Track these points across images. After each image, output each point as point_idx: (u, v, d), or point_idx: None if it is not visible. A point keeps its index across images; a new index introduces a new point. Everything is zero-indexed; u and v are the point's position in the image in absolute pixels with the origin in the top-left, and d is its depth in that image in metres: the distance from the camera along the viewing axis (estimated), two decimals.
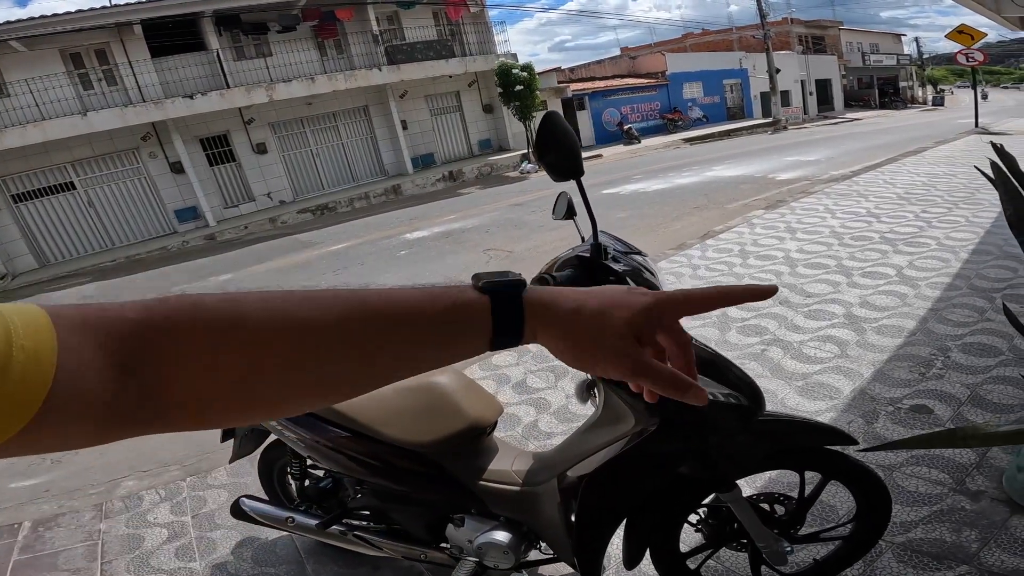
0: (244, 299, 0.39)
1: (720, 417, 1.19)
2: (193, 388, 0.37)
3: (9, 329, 0.30)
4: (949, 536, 1.71)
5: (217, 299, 0.39)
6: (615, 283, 1.06)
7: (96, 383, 0.33)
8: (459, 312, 0.44)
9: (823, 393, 2.56)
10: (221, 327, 0.38)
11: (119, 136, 13.15)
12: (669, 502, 1.36)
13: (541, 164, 0.97)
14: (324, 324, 0.40)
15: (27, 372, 0.30)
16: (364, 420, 1.53)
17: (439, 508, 1.57)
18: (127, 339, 0.35)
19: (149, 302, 0.37)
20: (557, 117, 0.97)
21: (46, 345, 0.31)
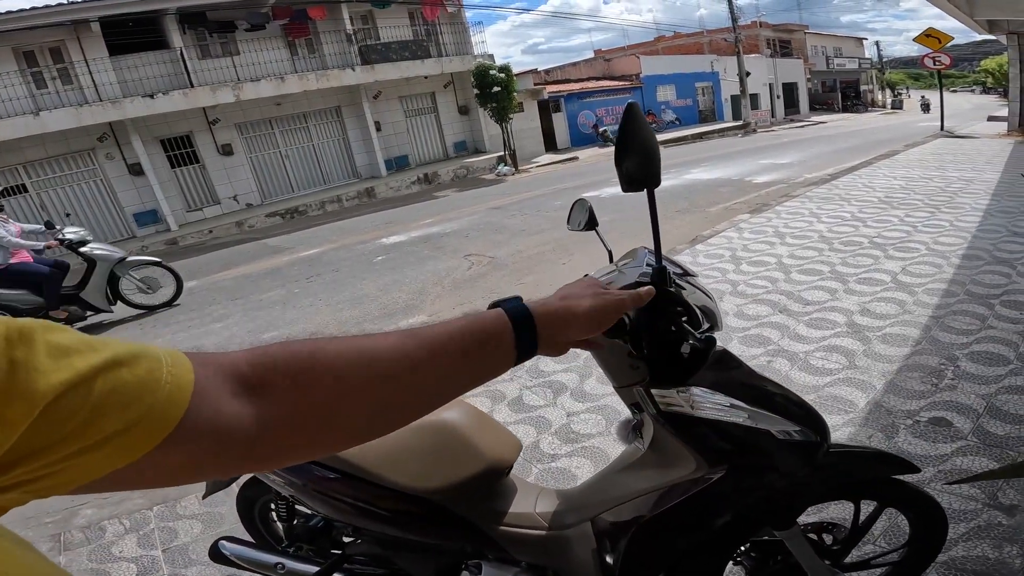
0: (322, 339, 0.48)
1: (788, 456, 1.05)
2: (294, 407, 0.44)
3: (162, 361, 0.38)
4: (991, 553, 1.65)
5: (301, 340, 0.48)
6: (681, 314, 0.91)
7: (225, 409, 0.40)
8: (487, 329, 0.55)
9: (838, 407, 2.46)
10: (306, 354, 0.46)
11: (74, 137, 12.53)
12: (719, 542, 1.21)
13: (618, 170, 0.80)
14: (388, 348, 0.49)
15: (171, 394, 0.37)
16: (363, 463, 1.33)
17: (452, 555, 1.39)
18: (245, 376, 0.43)
19: (254, 348, 0.46)
20: (639, 112, 0.80)
21: (186, 377, 0.38)
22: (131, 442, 0.35)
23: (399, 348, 0.50)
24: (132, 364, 0.36)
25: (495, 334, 0.55)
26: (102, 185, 13.42)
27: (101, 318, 5.99)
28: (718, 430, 1.02)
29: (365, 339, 0.50)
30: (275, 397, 0.43)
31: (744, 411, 1.01)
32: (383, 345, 0.49)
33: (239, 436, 0.41)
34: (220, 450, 0.40)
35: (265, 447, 0.43)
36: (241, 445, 0.41)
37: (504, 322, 0.56)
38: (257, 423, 0.42)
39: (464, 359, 0.53)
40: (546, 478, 2.29)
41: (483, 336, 0.54)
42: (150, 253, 11.53)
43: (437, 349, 0.51)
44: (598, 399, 2.79)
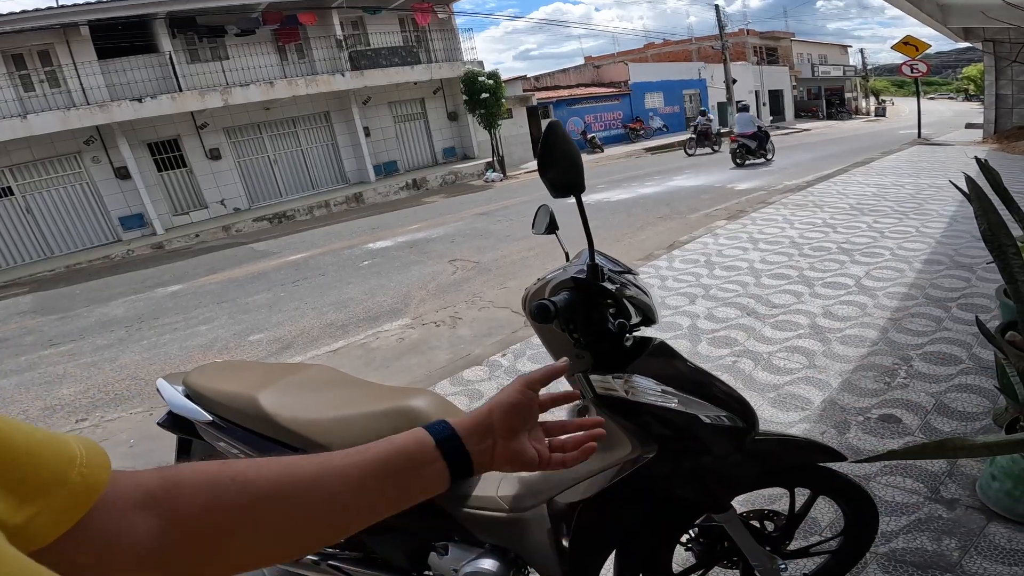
0: (240, 461, 0.49)
1: (716, 440, 1.17)
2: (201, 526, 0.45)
3: (75, 458, 0.39)
4: (930, 545, 1.74)
5: (216, 462, 0.48)
6: (611, 305, 1.03)
7: (128, 517, 0.42)
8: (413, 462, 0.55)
9: (795, 404, 2.59)
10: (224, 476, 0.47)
11: (60, 140, 12.50)
12: (663, 525, 1.33)
13: (543, 179, 0.92)
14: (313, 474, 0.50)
15: (82, 487, 0.38)
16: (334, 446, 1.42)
17: (420, 536, 1.49)
18: (152, 491, 0.44)
19: (165, 468, 0.47)
20: (560, 128, 0.92)
21: (102, 474, 0.40)
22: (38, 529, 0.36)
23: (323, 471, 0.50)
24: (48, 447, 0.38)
25: (426, 464, 0.55)
26: (88, 188, 13.36)
27: None
28: (651, 414, 1.13)
29: (285, 462, 0.49)
30: (180, 507, 0.44)
31: (674, 396, 1.13)
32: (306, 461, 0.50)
33: (134, 548, 0.41)
34: (111, 559, 0.40)
35: (164, 561, 0.43)
36: (133, 557, 0.41)
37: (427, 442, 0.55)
38: (157, 535, 0.42)
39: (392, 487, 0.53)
40: None
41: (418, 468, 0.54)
42: (136, 257, 11.56)
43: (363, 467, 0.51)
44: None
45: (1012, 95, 11.26)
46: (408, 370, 3.70)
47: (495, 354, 3.57)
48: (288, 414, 1.43)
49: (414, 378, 3.48)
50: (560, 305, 0.94)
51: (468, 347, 3.88)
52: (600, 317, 1.04)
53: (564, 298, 0.97)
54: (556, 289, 1.07)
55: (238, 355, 4.51)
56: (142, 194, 13.22)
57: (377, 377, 3.52)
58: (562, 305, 0.95)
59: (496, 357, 3.52)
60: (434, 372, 3.51)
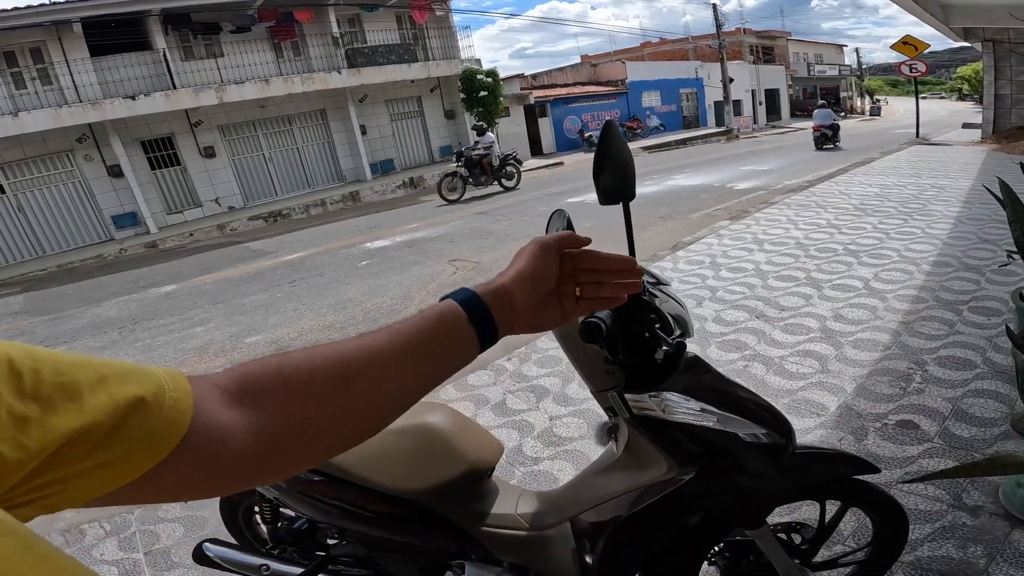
0: (291, 352, 0.50)
1: (756, 458, 1.11)
2: (284, 412, 0.46)
3: (164, 383, 0.39)
4: (956, 553, 1.71)
5: (278, 356, 0.49)
6: (655, 321, 0.96)
7: (221, 421, 0.42)
8: (448, 331, 0.54)
9: (810, 410, 2.54)
10: (281, 365, 0.48)
11: (52, 138, 12.34)
12: (693, 542, 1.27)
13: (596, 184, 0.85)
14: (362, 359, 0.50)
15: (174, 414, 0.39)
16: (346, 465, 1.36)
17: (436, 555, 1.43)
18: (231, 390, 0.45)
19: (231, 368, 0.47)
20: (616, 129, 0.86)
21: (186, 396, 0.40)
22: (137, 460, 0.37)
23: (361, 345, 0.51)
24: (138, 389, 0.38)
25: (458, 329, 0.55)
26: (80, 187, 13.21)
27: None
28: (688, 433, 1.07)
29: (334, 345, 0.51)
30: (265, 406, 0.45)
31: (713, 415, 1.07)
32: (346, 343, 0.51)
33: (236, 447, 0.42)
34: (219, 463, 0.42)
35: (262, 457, 0.44)
36: (239, 456, 0.43)
37: (464, 320, 0.55)
38: (252, 433, 0.43)
39: (428, 349, 0.53)
40: (529, 481, 2.33)
41: (452, 333, 0.55)
42: (129, 256, 11.42)
43: (400, 342, 0.52)
44: (580, 403, 2.84)
45: (1011, 95, 11.27)
46: None
47: (500, 358, 3.50)
48: None
49: None
50: (609, 323, 0.87)
51: None
52: (639, 332, 0.97)
53: (609, 314, 0.90)
54: None
55: (235, 358, 4.42)
56: (135, 192, 13.09)
57: None
58: (611, 322, 0.89)
59: (501, 361, 3.46)
60: None
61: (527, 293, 0.58)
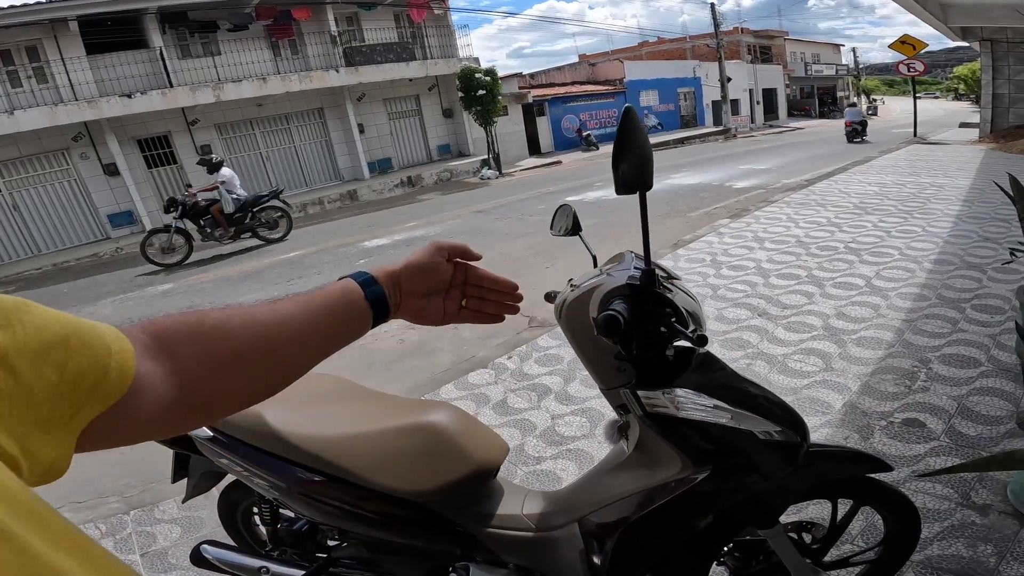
0: (204, 310, 0.53)
1: (771, 456, 1.09)
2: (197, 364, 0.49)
3: (110, 346, 0.41)
4: (966, 552, 1.69)
5: (186, 312, 0.52)
6: (670, 315, 0.93)
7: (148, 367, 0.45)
8: (349, 306, 0.61)
9: (816, 409, 2.52)
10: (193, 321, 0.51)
11: (48, 136, 12.26)
12: (705, 542, 1.24)
13: (614, 173, 0.82)
14: (275, 322, 0.55)
15: (119, 373, 0.41)
16: (349, 466, 1.33)
17: (440, 557, 1.40)
18: (146, 344, 0.47)
19: (146, 321, 0.50)
20: (636, 116, 0.83)
21: (129, 357, 0.43)
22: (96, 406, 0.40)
23: (279, 311, 0.56)
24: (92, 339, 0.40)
25: (355, 305, 0.61)
26: (76, 185, 13.13)
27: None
28: (702, 431, 1.04)
29: (238, 307, 0.56)
30: (178, 356, 0.48)
31: (727, 412, 1.04)
32: (258, 307, 0.56)
33: (162, 391, 0.46)
34: (140, 414, 0.44)
35: (185, 399, 0.48)
36: (157, 405, 0.45)
37: (361, 299, 0.62)
38: (170, 379, 0.46)
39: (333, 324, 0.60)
40: (531, 481, 2.30)
41: (350, 308, 0.61)
42: (125, 255, 11.34)
43: (309, 313, 0.58)
44: (582, 402, 2.82)
45: (1009, 94, 11.29)
46: (410, 373, 3.59)
47: (500, 356, 3.47)
48: (297, 431, 1.33)
49: (417, 382, 3.37)
50: (627, 316, 0.84)
51: (472, 349, 3.77)
52: (654, 328, 0.94)
53: (621, 307, 0.87)
54: (608, 297, 0.97)
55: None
56: (131, 191, 13.01)
57: (379, 381, 3.41)
58: (623, 313, 0.86)
59: (502, 359, 3.43)
60: (437, 376, 3.40)
61: (412, 282, 0.65)
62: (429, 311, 0.67)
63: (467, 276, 0.69)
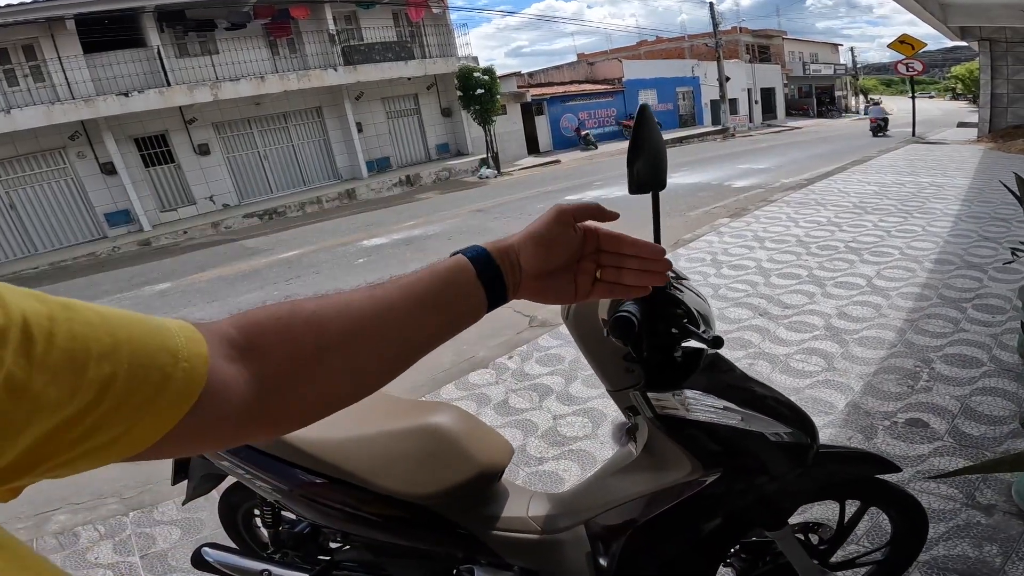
0: (299, 299, 0.48)
1: (781, 458, 1.08)
2: (285, 366, 0.45)
3: (178, 352, 0.37)
4: (972, 552, 1.69)
5: (277, 302, 0.48)
6: (681, 315, 0.92)
7: (226, 374, 0.41)
8: (459, 286, 0.53)
9: (818, 409, 2.51)
10: (287, 313, 0.47)
11: (45, 135, 12.20)
12: (712, 543, 1.23)
13: (628, 171, 0.80)
14: (372, 311, 0.49)
15: (191, 372, 0.37)
16: (351, 468, 1.32)
17: (444, 560, 1.38)
18: (235, 340, 0.43)
19: (236, 315, 0.46)
20: (650, 114, 0.81)
21: (201, 363, 0.38)
22: (140, 435, 0.36)
23: (371, 296, 0.50)
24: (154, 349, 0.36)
25: (463, 278, 0.53)
26: (72, 184, 13.08)
27: None
28: (712, 433, 1.03)
29: (336, 294, 0.50)
30: (266, 355, 0.44)
31: (737, 413, 1.03)
32: (356, 295, 0.50)
33: (239, 400, 0.42)
34: (220, 420, 0.41)
35: (265, 407, 0.44)
36: (238, 412, 0.42)
37: (473, 279, 0.53)
38: (254, 384, 0.42)
39: (436, 303, 0.52)
40: (533, 481, 2.29)
41: (460, 290, 0.53)
42: (122, 255, 11.31)
43: (409, 295, 0.50)
44: (584, 402, 2.80)
45: (1007, 94, 11.31)
46: (410, 373, 3.55)
47: (501, 356, 3.46)
48: (299, 433, 1.31)
49: (417, 382, 3.36)
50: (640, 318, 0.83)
51: (472, 349, 3.76)
52: (666, 329, 0.93)
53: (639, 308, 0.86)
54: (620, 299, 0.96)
55: None
56: (128, 190, 12.97)
57: None
58: (636, 314, 0.84)
59: (502, 359, 3.41)
60: (438, 376, 3.39)
61: (534, 257, 0.54)
62: (557, 289, 0.57)
63: (599, 242, 0.56)
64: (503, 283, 0.54)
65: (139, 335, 0.36)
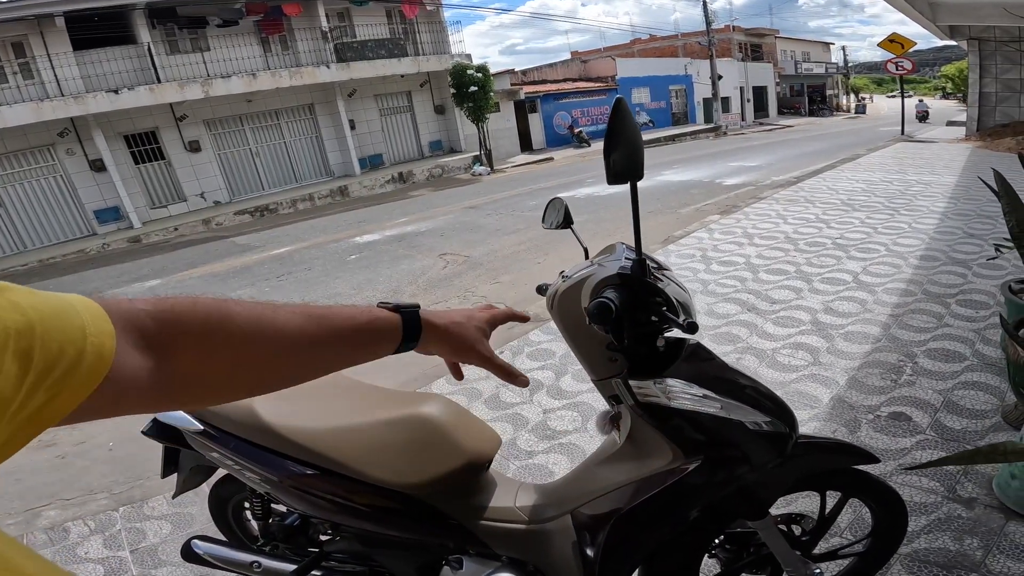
0: (231, 302, 0.51)
1: (760, 446, 1.10)
2: (193, 368, 0.47)
3: (84, 328, 0.38)
4: (952, 545, 1.71)
5: (210, 299, 0.50)
6: (660, 303, 0.94)
7: (128, 360, 0.41)
8: (379, 325, 0.63)
9: (803, 402, 2.55)
10: (214, 321, 0.49)
11: (34, 132, 12.09)
12: (696, 533, 1.25)
13: (606, 162, 0.83)
14: (292, 328, 0.54)
15: (96, 358, 0.38)
16: (341, 458, 1.33)
17: (432, 551, 1.40)
18: (148, 330, 0.44)
19: (155, 298, 0.47)
20: (626, 107, 0.84)
21: (108, 339, 0.39)
22: (63, 402, 0.37)
23: (302, 330, 0.55)
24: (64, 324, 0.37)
25: (387, 335, 0.64)
26: (62, 181, 12.97)
27: None
28: (693, 421, 1.06)
29: (274, 312, 0.54)
30: (175, 357, 0.46)
31: (717, 402, 1.05)
32: (289, 326, 0.54)
33: (137, 386, 0.43)
34: (122, 397, 0.42)
35: (159, 398, 0.47)
36: (139, 394, 0.44)
37: (396, 330, 0.65)
38: (154, 376, 0.44)
39: (352, 349, 0.61)
40: (524, 475, 2.31)
41: (378, 336, 0.63)
42: (112, 251, 11.23)
43: (335, 340, 0.58)
44: (574, 396, 2.83)
45: (996, 93, 11.42)
46: (403, 367, 3.59)
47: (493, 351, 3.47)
48: (289, 423, 1.33)
49: (410, 376, 3.37)
50: (618, 303, 0.85)
51: None
52: (646, 317, 0.95)
53: (613, 296, 0.88)
54: (600, 287, 0.98)
55: None
56: (118, 187, 12.88)
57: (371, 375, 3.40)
58: (615, 301, 0.86)
59: None
60: (429, 370, 3.40)
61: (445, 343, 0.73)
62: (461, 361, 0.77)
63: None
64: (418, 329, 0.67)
65: (49, 312, 0.37)
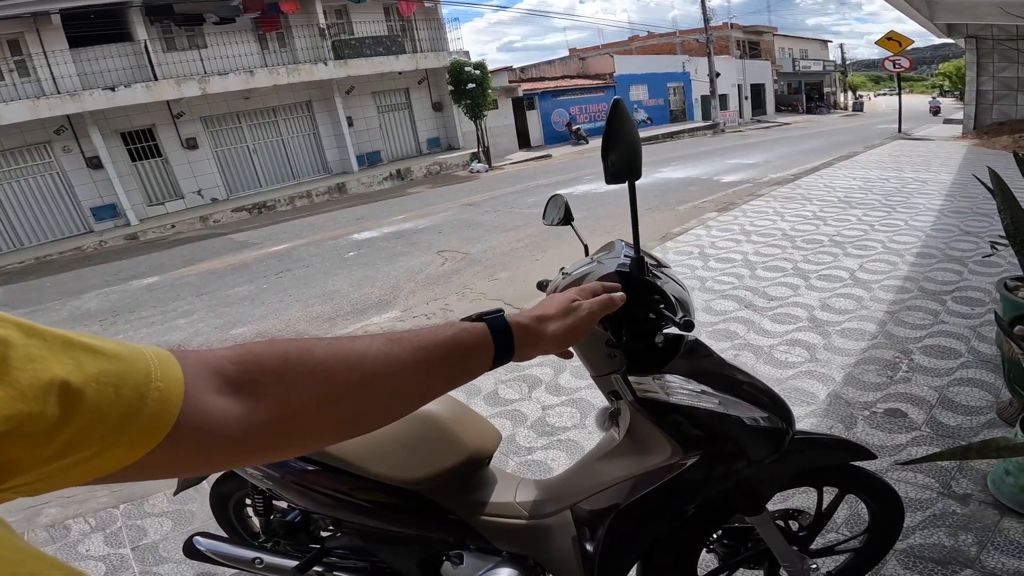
0: (308, 339, 0.49)
1: (758, 442, 1.11)
2: (281, 408, 0.45)
3: (150, 373, 0.36)
4: (947, 541, 1.73)
5: (287, 339, 0.48)
6: (659, 301, 0.95)
7: (211, 408, 0.40)
8: (464, 338, 0.58)
9: (800, 399, 2.56)
10: (293, 356, 0.47)
11: (30, 129, 12.05)
12: (694, 528, 1.27)
13: (604, 162, 0.84)
14: (374, 352, 0.50)
15: (162, 402, 0.36)
16: (343, 455, 1.34)
17: (433, 546, 1.41)
18: (230, 375, 0.43)
19: (239, 346, 0.46)
20: (624, 107, 0.85)
21: (176, 383, 0.38)
22: (115, 455, 0.35)
23: (386, 353, 0.51)
24: (124, 370, 0.35)
25: (477, 348, 0.58)
26: (58, 178, 12.93)
27: None
28: (691, 416, 1.07)
29: (352, 341, 0.51)
30: (262, 398, 0.44)
31: (715, 397, 1.07)
32: (371, 350, 0.50)
33: (225, 434, 0.41)
34: (207, 448, 0.40)
35: (250, 445, 0.44)
36: (227, 443, 0.42)
37: (487, 339, 0.59)
38: (242, 422, 0.42)
39: (445, 368, 0.56)
40: (523, 471, 2.33)
41: (466, 350, 0.58)
42: (109, 249, 11.20)
43: (421, 359, 0.53)
44: (572, 392, 2.84)
45: (993, 91, 11.44)
46: None
47: None
48: None
49: None
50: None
51: None
52: (643, 314, 0.96)
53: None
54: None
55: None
56: (115, 184, 12.84)
57: None
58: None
59: None
60: None
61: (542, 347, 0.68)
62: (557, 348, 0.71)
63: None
64: (511, 344, 0.61)
65: (109, 354, 0.35)
